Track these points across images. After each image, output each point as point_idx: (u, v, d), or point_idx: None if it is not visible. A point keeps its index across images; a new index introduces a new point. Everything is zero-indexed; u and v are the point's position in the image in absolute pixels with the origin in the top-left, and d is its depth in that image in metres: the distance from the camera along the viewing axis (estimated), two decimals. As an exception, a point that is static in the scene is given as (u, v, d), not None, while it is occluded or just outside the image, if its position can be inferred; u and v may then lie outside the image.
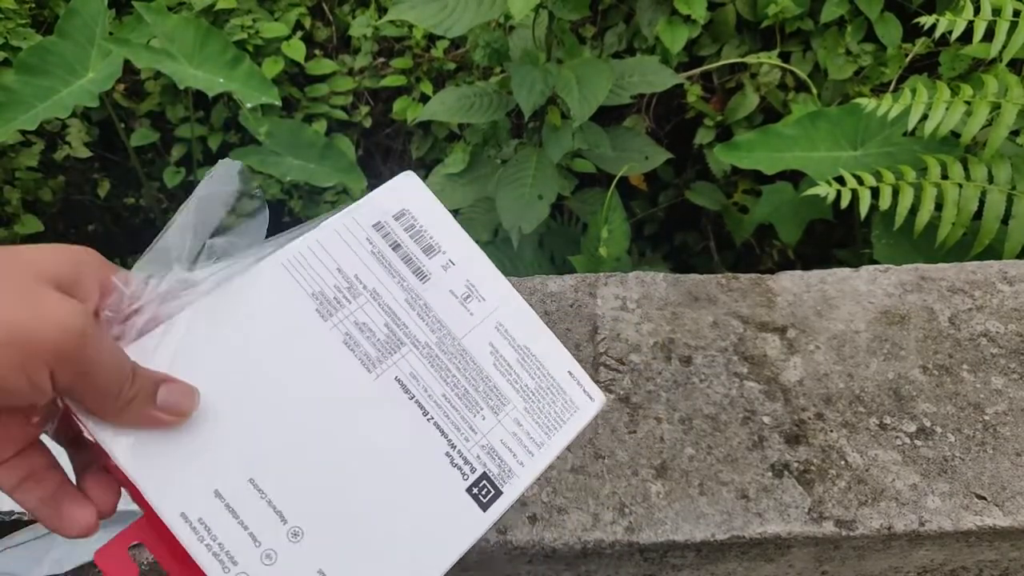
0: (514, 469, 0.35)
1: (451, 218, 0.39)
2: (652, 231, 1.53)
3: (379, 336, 0.35)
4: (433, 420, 0.35)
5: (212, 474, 0.31)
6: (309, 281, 0.35)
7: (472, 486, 0.34)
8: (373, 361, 0.35)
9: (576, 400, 0.37)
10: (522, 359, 0.37)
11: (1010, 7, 0.91)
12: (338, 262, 0.36)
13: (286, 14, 1.60)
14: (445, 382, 0.35)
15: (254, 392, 0.32)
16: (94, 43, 1.25)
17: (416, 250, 0.37)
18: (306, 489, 0.32)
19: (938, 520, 0.54)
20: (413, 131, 1.62)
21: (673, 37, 1.33)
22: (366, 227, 0.37)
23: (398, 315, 0.36)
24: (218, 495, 0.31)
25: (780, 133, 1.13)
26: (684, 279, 0.69)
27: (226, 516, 0.30)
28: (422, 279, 0.37)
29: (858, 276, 0.69)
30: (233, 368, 0.33)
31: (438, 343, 0.36)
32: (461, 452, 0.34)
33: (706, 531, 0.53)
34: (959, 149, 0.97)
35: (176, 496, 0.30)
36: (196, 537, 0.30)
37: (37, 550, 0.51)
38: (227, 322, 0.33)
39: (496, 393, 0.36)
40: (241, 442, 0.32)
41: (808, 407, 0.60)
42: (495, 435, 0.35)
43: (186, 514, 0.30)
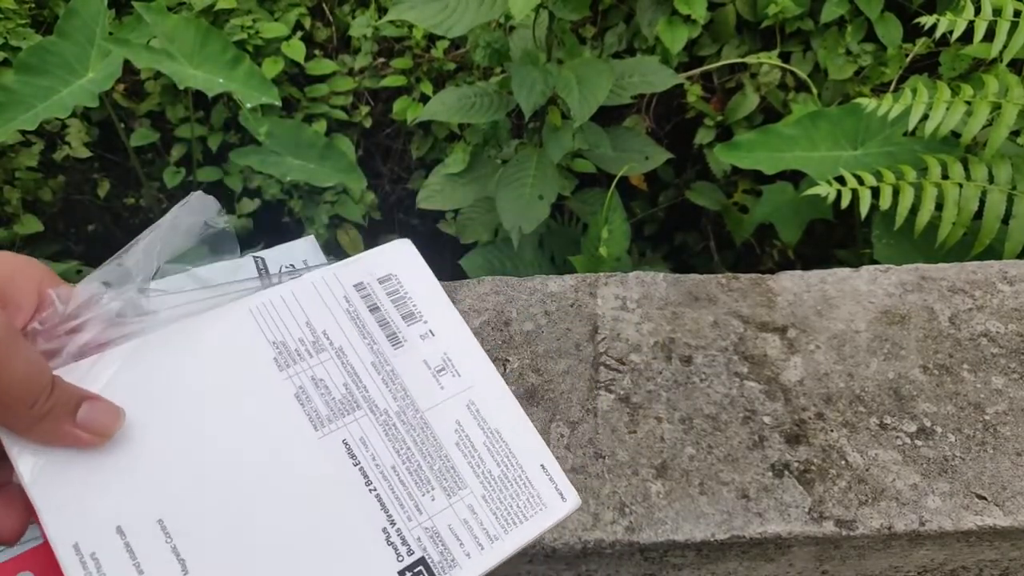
0: (458, 559, 0.32)
1: (441, 290, 0.37)
2: (652, 231, 1.53)
3: (335, 395, 0.33)
4: (375, 491, 0.32)
5: (119, 507, 0.29)
6: (273, 329, 0.34)
7: (406, 569, 0.31)
8: (322, 419, 0.33)
9: (544, 497, 0.34)
10: (490, 443, 0.35)
11: (1011, 7, 0.91)
12: (308, 315, 0.35)
13: (286, 14, 1.60)
14: (397, 453, 0.33)
15: (186, 430, 0.31)
16: (94, 43, 1.25)
17: (395, 315, 0.36)
18: (218, 543, 0.29)
19: (938, 520, 0.54)
20: (413, 131, 1.62)
21: (673, 37, 1.33)
22: (346, 285, 0.36)
23: (360, 377, 0.34)
24: (120, 531, 0.28)
25: (780, 133, 1.13)
26: (684, 279, 0.69)
27: (122, 556, 0.28)
28: (395, 344, 0.35)
29: (858, 276, 0.69)
30: (169, 402, 0.31)
31: (398, 412, 0.34)
32: (400, 531, 0.32)
33: (706, 531, 0.53)
34: (959, 149, 0.97)
35: (72, 523, 0.28)
36: (83, 572, 0.27)
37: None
38: (175, 355, 0.32)
39: (453, 474, 0.33)
40: (160, 478, 0.30)
41: (808, 407, 0.60)
42: (443, 519, 0.32)
43: (79, 545, 0.28)
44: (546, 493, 0.34)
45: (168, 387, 0.31)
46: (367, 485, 0.32)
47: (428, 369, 0.35)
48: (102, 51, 1.24)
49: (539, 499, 0.34)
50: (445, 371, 0.36)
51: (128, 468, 0.29)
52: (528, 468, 0.35)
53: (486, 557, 0.32)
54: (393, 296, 0.36)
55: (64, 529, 0.28)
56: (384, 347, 0.35)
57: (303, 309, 0.35)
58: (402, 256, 0.38)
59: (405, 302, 0.36)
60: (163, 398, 0.31)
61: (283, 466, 0.31)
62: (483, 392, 0.36)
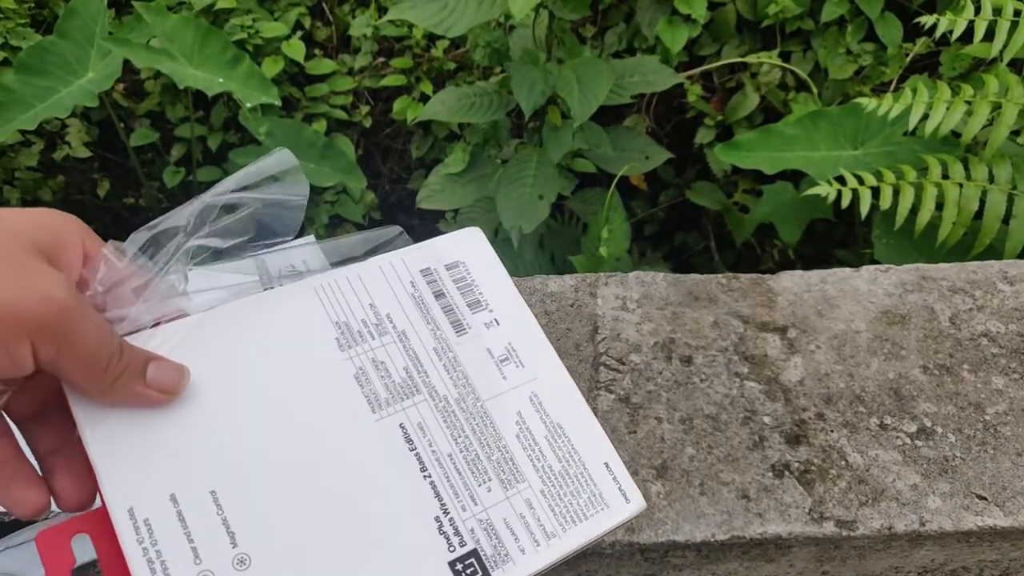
0: (512, 555, 0.30)
1: (509, 280, 0.37)
2: (652, 231, 1.53)
3: (395, 378, 0.33)
4: (430, 478, 0.31)
5: (175, 476, 0.29)
6: (337, 310, 0.34)
7: (457, 561, 0.30)
8: (381, 402, 0.32)
9: (607, 496, 0.33)
10: (552, 437, 0.33)
11: (1011, 7, 0.91)
12: (372, 298, 0.34)
13: (286, 14, 1.60)
14: (455, 441, 0.32)
15: (244, 405, 0.31)
16: (94, 43, 1.25)
17: (460, 302, 0.36)
18: (269, 517, 0.29)
19: (939, 520, 0.54)
20: (413, 131, 1.62)
21: (673, 37, 1.33)
22: (413, 270, 0.36)
23: (422, 362, 0.34)
24: (173, 500, 0.28)
25: (781, 133, 1.13)
26: (684, 279, 0.69)
27: (174, 524, 0.28)
28: (459, 331, 0.35)
29: (859, 276, 0.69)
30: (229, 376, 0.31)
31: (458, 399, 0.33)
32: (453, 520, 0.31)
33: (706, 531, 0.53)
34: (960, 149, 0.97)
35: (129, 489, 0.28)
36: (136, 537, 0.28)
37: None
38: (238, 330, 0.32)
39: (512, 466, 0.32)
40: (216, 450, 0.29)
41: (809, 407, 0.60)
42: (499, 511, 0.31)
43: (133, 510, 0.28)
44: (609, 492, 0.33)
45: (229, 361, 0.31)
46: (422, 471, 0.31)
47: (491, 358, 0.35)
48: (102, 51, 1.24)
49: (601, 498, 0.33)
50: (508, 361, 0.35)
51: (185, 439, 0.29)
52: (591, 465, 0.33)
53: (541, 555, 0.31)
54: (460, 283, 0.36)
55: (120, 494, 0.28)
56: (447, 333, 0.35)
57: (368, 291, 0.34)
58: (472, 244, 0.37)
59: (471, 289, 0.36)
60: (223, 372, 0.31)
61: (338, 447, 0.31)
62: (547, 385, 0.35)
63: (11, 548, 0.50)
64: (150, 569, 0.27)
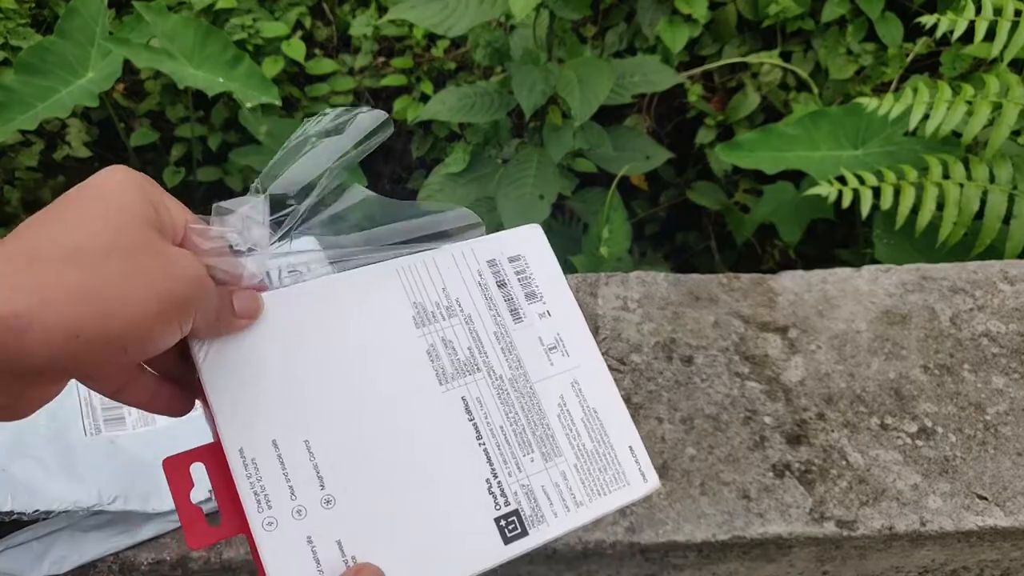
0: (547, 516, 0.36)
1: (562, 276, 0.41)
2: (653, 231, 1.53)
3: (460, 356, 0.37)
4: (484, 446, 0.36)
5: (277, 425, 0.34)
6: (415, 291, 0.38)
7: (501, 518, 0.35)
8: (447, 376, 0.37)
9: (628, 475, 0.37)
10: (587, 419, 0.38)
11: (1011, 7, 0.91)
12: (445, 282, 0.39)
13: (286, 14, 1.60)
14: (506, 415, 0.37)
15: (333, 369, 0.35)
16: (94, 43, 1.25)
17: (519, 293, 0.40)
18: (351, 466, 0.34)
19: (939, 520, 0.54)
20: (413, 131, 1.62)
21: (674, 37, 1.33)
22: (480, 260, 0.40)
23: (483, 343, 0.38)
24: (275, 444, 0.33)
25: (781, 133, 1.13)
26: (685, 279, 0.69)
27: (275, 464, 0.33)
28: (516, 319, 0.39)
29: (859, 276, 0.69)
30: (321, 343, 0.36)
31: (512, 379, 0.38)
32: (501, 483, 0.36)
33: (707, 531, 0.53)
34: (960, 149, 0.97)
35: (239, 432, 0.33)
36: (245, 473, 0.33)
37: (37, 550, 0.50)
38: (329, 303, 0.36)
39: (552, 441, 0.37)
40: (310, 406, 0.34)
41: (809, 407, 0.60)
42: (538, 479, 0.36)
43: (243, 450, 0.33)
44: (630, 472, 0.37)
45: (321, 330, 0.36)
46: (478, 439, 0.36)
47: (542, 345, 0.39)
48: (102, 51, 1.24)
49: (624, 476, 0.37)
50: (556, 350, 0.39)
51: (286, 395, 0.34)
52: (618, 447, 0.38)
53: (570, 519, 0.36)
54: (520, 275, 0.40)
55: (233, 435, 0.33)
56: (506, 320, 0.39)
57: (442, 276, 0.39)
58: (532, 240, 0.42)
59: (529, 282, 0.40)
60: (316, 339, 0.36)
61: (409, 411, 0.36)
62: (587, 374, 0.39)
63: (11, 548, 0.50)
64: (256, 500, 0.32)
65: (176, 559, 0.51)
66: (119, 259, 0.26)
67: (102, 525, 0.51)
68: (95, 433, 0.54)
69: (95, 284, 0.26)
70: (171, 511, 0.52)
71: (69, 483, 0.50)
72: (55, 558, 0.50)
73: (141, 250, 0.27)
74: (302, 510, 0.33)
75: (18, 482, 0.49)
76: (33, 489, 0.49)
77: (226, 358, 0.34)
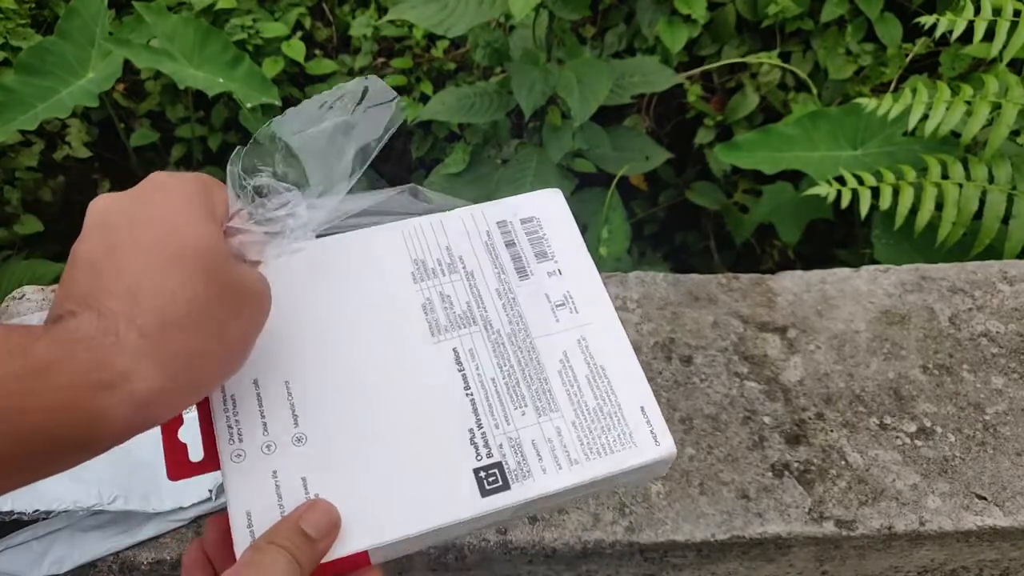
0: (533, 472, 0.34)
1: (580, 240, 0.40)
2: (652, 231, 1.53)
3: (456, 310, 0.37)
4: (471, 396, 0.35)
5: (259, 365, 0.34)
6: (417, 248, 0.39)
7: (481, 469, 0.34)
8: (440, 328, 0.37)
9: (636, 436, 0.35)
10: (592, 377, 0.36)
11: (1010, 7, 0.91)
12: (449, 242, 0.39)
13: (286, 14, 1.60)
14: (500, 368, 0.36)
15: (325, 316, 0.36)
16: (94, 43, 1.25)
17: (528, 251, 0.39)
18: (327, 408, 0.34)
19: (938, 520, 0.54)
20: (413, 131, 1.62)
21: (673, 37, 1.33)
22: (490, 221, 0.40)
23: (483, 299, 0.38)
24: (255, 384, 0.34)
25: (780, 133, 1.13)
26: (684, 279, 0.69)
27: (253, 402, 0.34)
28: (521, 276, 0.39)
29: (858, 276, 0.69)
30: (318, 293, 0.37)
31: (510, 334, 0.37)
32: (485, 435, 0.35)
33: (706, 531, 0.53)
34: (959, 149, 0.97)
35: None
36: (223, 407, 0.34)
37: (37, 550, 0.51)
38: (331, 256, 0.38)
39: (548, 397, 0.36)
40: (296, 351, 0.35)
41: (808, 407, 0.60)
42: (528, 433, 0.35)
43: (224, 387, 0.34)
44: (640, 433, 0.35)
45: (321, 281, 0.37)
46: (465, 389, 0.36)
47: (548, 302, 0.38)
48: (102, 51, 1.24)
49: (630, 437, 0.35)
50: (564, 307, 0.38)
51: (273, 339, 0.34)
52: (626, 406, 0.36)
53: (562, 476, 0.34)
54: (531, 235, 0.40)
55: None
56: (511, 277, 0.39)
57: (447, 235, 0.39)
58: (549, 203, 0.41)
59: (540, 242, 0.40)
60: (313, 289, 0.37)
61: (396, 359, 0.36)
62: (598, 331, 0.38)
63: (11, 548, 0.50)
64: (228, 434, 0.33)
65: (176, 559, 0.51)
66: (209, 312, 0.28)
67: (102, 525, 0.51)
68: (95, 433, 0.54)
69: (197, 347, 0.27)
70: (171, 511, 0.52)
71: (69, 483, 0.50)
72: (55, 558, 0.50)
73: (224, 297, 0.28)
74: (272, 445, 0.33)
75: (18, 482, 0.49)
76: (33, 489, 0.49)
77: None
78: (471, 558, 0.53)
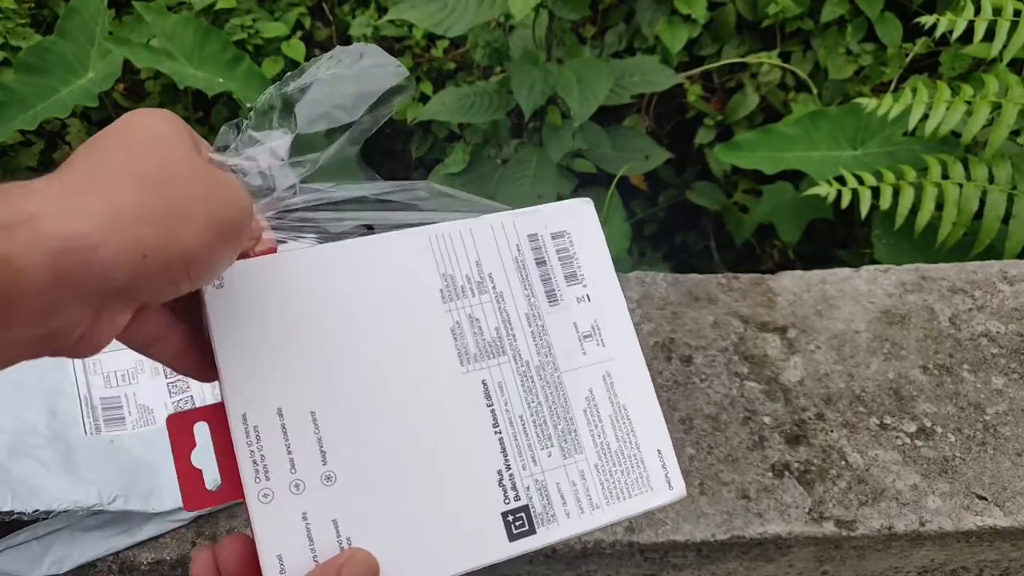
0: (558, 516, 0.34)
1: (608, 258, 0.39)
2: (652, 231, 1.53)
3: (486, 336, 0.35)
4: (500, 435, 0.34)
5: (284, 393, 0.32)
6: (446, 262, 0.36)
7: (509, 512, 0.33)
8: (470, 357, 0.35)
9: (653, 480, 0.35)
10: (615, 417, 0.36)
11: (1011, 7, 0.91)
12: (479, 255, 0.36)
13: (286, 14, 1.60)
14: (528, 405, 0.35)
15: (350, 338, 0.33)
16: (94, 43, 1.25)
17: (559, 273, 0.37)
18: (355, 443, 0.32)
19: (939, 520, 0.54)
20: (413, 131, 1.62)
21: (673, 37, 1.33)
22: (521, 234, 0.37)
23: (512, 325, 0.36)
24: (280, 413, 0.32)
25: (780, 133, 1.13)
26: (684, 279, 0.69)
27: (278, 434, 0.32)
28: (551, 302, 0.37)
29: (858, 276, 0.69)
30: (341, 310, 0.34)
31: (538, 367, 0.35)
32: (513, 476, 0.34)
33: (706, 531, 0.53)
34: (960, 149, 0.97)
35: (245, 397, 0.32)
36: (246, 440, 0.31)
37: (37, 550, 0.50)
38: (354, 266, 0.34)
39: (574, 438, 0.35)
40: (321, 376, 0.33)
41: (808, 407, 0.60)
42: (554, 476, 0.34)
43: (246, 416, 0.32)
44: (656, 477, 0.35)
45: (341, 296, 0.34)
46: (494, 427, 0.34)
47: (576, 332, 0.36)
48: (102, 51, 1.24)
49: (647, 481, 0.35)
50: (591, 338, 0.37)
51: (297, 363, 0.32)
52: (645, 449, 0.36)
53: (584, 521, 0.34)
54: (562, 254, 0.38)
55: (238, 400, 0.32)
56: (541, 301, 0.36)
57: (476, 248, 0.36)
58: (580, 215, 0.39)
59: (571, 262, 0.38)
60: (336, 306, 0.34)
61: (425, 391, 0.34)
62: (622, 367, 0.36)
63: (11, 548, 0.50)
64: (254, 469, 0.31)
65: (176, 559, 0.51)
66: (178, 183, 0.26)
67: (102, 525, 0.51)
68: (95, 433, 0.54)
69: (158, 206, 0.25)
70: (171, 511, 0.52)
71: (69, 483, 0.50)
72: (55, 558, 0.50)
73: (196, 175, 0.27)
74: (300, 484, 0.32)
75: (18, 482, 0.49)
76: (33, 489, 0.49)
77: (239, 317, 0.32)
78: (471, 558, 0.53)
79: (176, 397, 0.57)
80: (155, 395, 0.56)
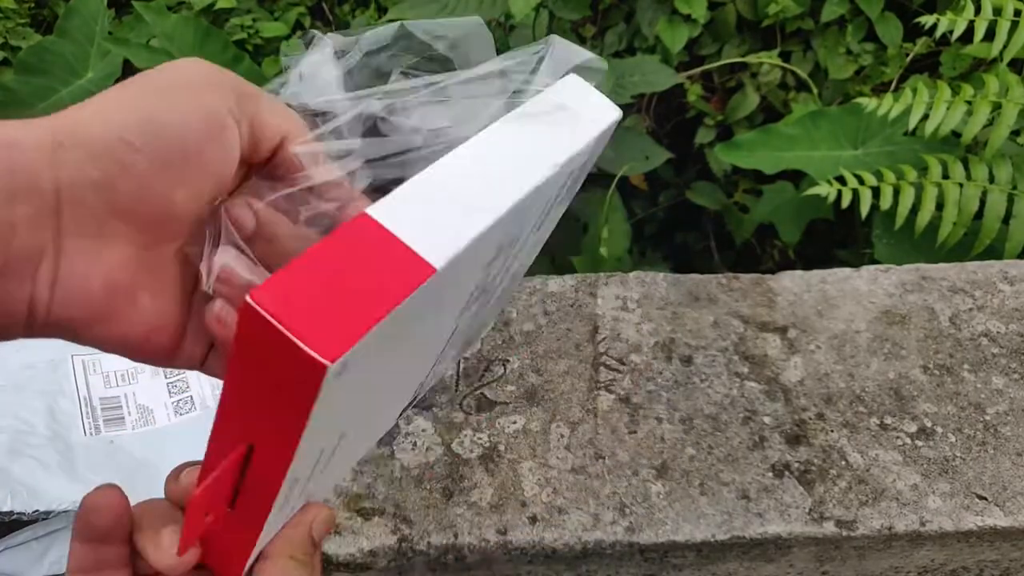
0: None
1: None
2: (652, 231, 1.52)
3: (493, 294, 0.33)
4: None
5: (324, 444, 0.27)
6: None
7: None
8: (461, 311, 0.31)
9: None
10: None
11: (1011, 7, 0.91)
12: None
13: (286, 14, 1.60)
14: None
15: (384, 368, 0.27)
16: (94, 43, 1.25)
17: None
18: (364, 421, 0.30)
19: (939, 520, 0.54)
20: (413, 131, 1.62)
21: (673, 36, 1.33)
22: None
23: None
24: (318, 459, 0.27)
25: (781, 133, 1.13)
26: (684, 279, 0.69)
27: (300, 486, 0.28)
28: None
29: (859, 276, 0.69)
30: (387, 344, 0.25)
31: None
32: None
33: (707, 531, 0.53)
34: (960, 149, 0.97)
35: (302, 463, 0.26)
36: (279, 503, 0.27)
37: (37, 550, 0.51)
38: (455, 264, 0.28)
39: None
40: (357, 402, 0.27)
41: (809, 407, 0.60)
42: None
43: (297, 479, 0.27)
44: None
45: (393, 338, 0.25)
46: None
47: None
48: (102, 51, 1.24)
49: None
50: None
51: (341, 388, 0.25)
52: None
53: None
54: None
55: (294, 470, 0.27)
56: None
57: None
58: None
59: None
60: (388, 343, 0.25)
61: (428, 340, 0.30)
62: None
63: (11, 548, 0.50)
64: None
65: (176, 559, 0.51)
66: (179, 89, 0.26)
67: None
68: (95, 433, 0.54)
69: (148, 101, 0.25)
70: (171, 511, 0.52)
71: (69, 483, 0.50)
72: (55, 558, 0.50)
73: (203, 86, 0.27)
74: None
75: (18, 482, 0.49)
76: (33, 489, 0.49)
77: (341, 396, 0.23)
78: (471, 558, 0.53)
79: (176, 397, 0.57)
80: (155, 395, 0.56)
